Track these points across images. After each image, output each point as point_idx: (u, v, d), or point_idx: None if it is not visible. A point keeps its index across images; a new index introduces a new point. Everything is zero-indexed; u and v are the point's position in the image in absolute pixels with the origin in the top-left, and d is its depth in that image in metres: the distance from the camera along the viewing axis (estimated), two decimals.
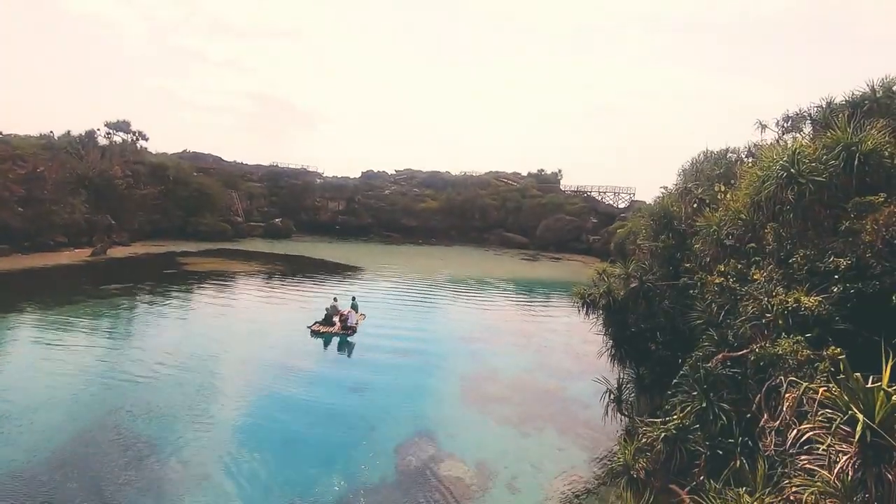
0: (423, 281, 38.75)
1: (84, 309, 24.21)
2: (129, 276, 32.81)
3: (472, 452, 13.29)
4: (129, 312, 24.66)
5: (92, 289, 28.20)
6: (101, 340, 20.39)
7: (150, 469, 11.57)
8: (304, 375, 18.46)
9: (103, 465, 11.58)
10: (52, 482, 10.86)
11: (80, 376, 16.60)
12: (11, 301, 24.28)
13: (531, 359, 21.71)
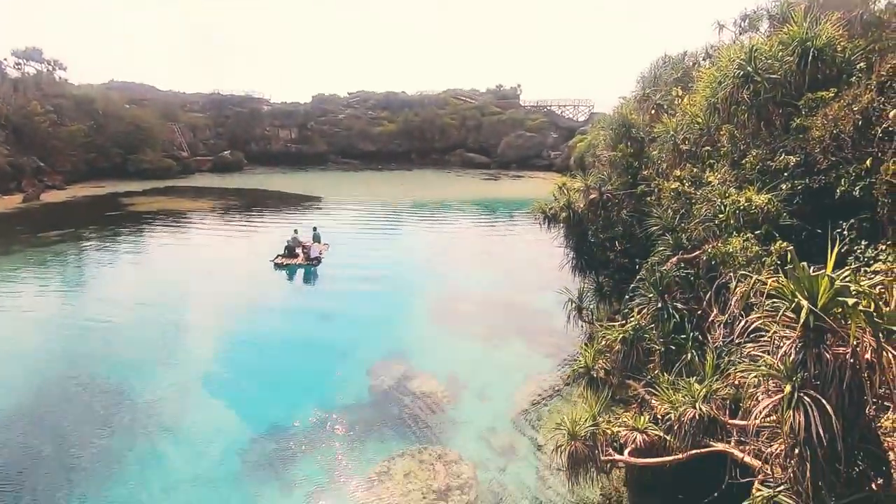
0: (385, 207, 38.17)
1: (26, 259, 22.80)
2: (69, 221, 30.79)
3: (443, 367, 13.79)
4: (77, 259, 23.42)
5: (30, 237, 26.42)
6: (52, 289, 19.44)
7: (120, 414, 11.51)
8: (271, 308, 18.35)
9: (72, 416, 11.43)
10: (18, 438, 10.69)
11: (36, 327, 15.96)
12: None
13: (497, 276, 22.18)
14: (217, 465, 9.93)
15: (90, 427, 10.92)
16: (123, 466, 9.79)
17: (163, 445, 10.48)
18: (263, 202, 40.04)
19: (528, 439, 10.81)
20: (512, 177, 59.05)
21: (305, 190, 45.59)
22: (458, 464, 9.80)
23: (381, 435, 10.91)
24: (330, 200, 40.85)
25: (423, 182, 54.57)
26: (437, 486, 9.14)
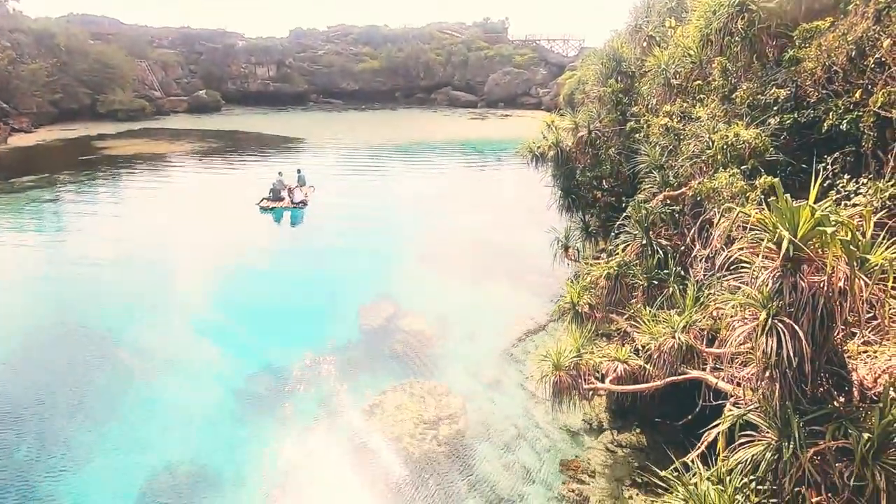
0: (370, 149, 37.32)
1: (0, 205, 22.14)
2: (41, 166, 29.70)
3: (432, 307, 14.07)
4: (54, 205, 22.81)
5: (1, 183, 25.52)
6: (32, 237, 19.07)
7: (115, 356, 11.67)
8: (259, 251, 18.30)
9: (69, 358, 11.56)
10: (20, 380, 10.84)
11: (23, 274, 15.78)
12: None
13: (484, 218, 22.19)
14: (213, 403, 10.24)
15: (88, 369, 11.10)
16: (122, 407, 10.06)
17: (159, 386, 10.73)
18: (244, 144, 38.86)
19: (515, 373, 11.27)
20: (500, 116, 57.70)
21: (287, 131, 44.20)
22: (447, 396, 10.24)
23: (372, 371, 11.28)
24: (313, 142, 39.76)
25: (409, 122, 53.12)
26: (428, 417, 9.59)
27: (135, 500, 8.01)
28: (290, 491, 8.26)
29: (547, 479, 8.42)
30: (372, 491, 8.24)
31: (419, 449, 8.93)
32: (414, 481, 8.38)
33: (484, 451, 9.02)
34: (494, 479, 8.45)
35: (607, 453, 8.84)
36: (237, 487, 8.31)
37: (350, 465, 8.75)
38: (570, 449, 9.02)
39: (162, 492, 8.15)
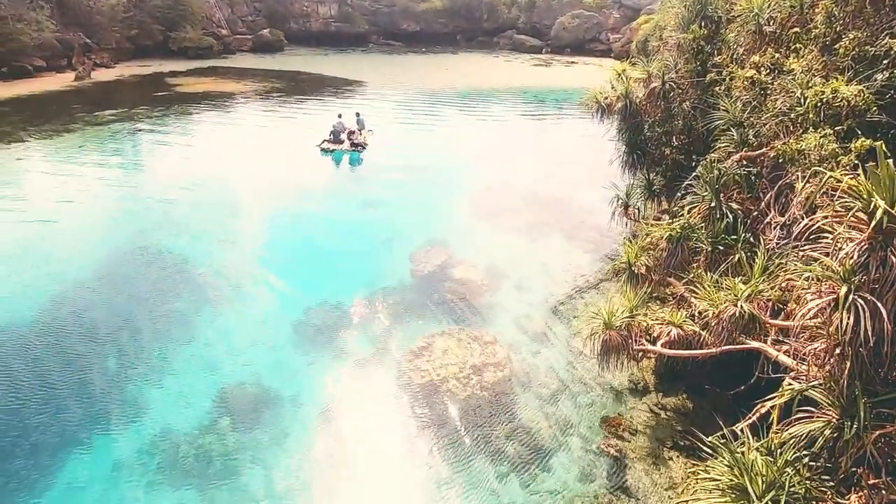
0: (427, 94, 36.65)
1: (85, 137, 23.78)
2: (120, 100, 31.39)
3: (483, 258, 14.14)
4: (131, 138, 24.24)
5: (87, 115, 27.27)
6: (112, 167, 20.48)
7: (186, 283, 12.65)
8: (317, 193, 18.84)
9: (147, 284, 12.65)
10: (103, 302, 12.02)
11: (103, 202, 17.13)
12: (11, 131, 23.80)
13: (541, 170, 21.61)
14: (274, 332, 11.00)
15: (164, 293, 12.14)
16: (196, 329, 11.01)
17: (225, 313, 11.60)
18: (305, 86, 39.16)
19: (562, 328, 11.30)
20: (565, 63, 54.65)
21: (347, 73, 44.01)
22: (493, 345, 10.46)
23: (422, 315, 11.64)
24: (372, 85, 39.48)
25: (469, 67, 51.41)
26: (473, 363, 9.89)
27: (206, 410, 8.90)
28: (340, 417, 8.89)
29: (587, 433, 8.58)
30: (415, 426, 8.73)
31: (463, 392, 9.29)
32: (455, 421, 8.79)
33: (526, 400, 9.26)
34: (534, 428, 8.71)
35: (650, 414, 8.85)
36: (295, 408, 9.03)
37: (396, 399, 9.26)
38: (613, 406, 9.09)
39: (230, 406, 9.00)
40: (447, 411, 8.97)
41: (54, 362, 9.81)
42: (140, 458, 7.99)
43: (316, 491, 7.61)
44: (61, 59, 38.43)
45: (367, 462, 8.12)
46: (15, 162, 20.30)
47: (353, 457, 8.18)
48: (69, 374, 9.55)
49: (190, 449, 8.18)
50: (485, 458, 8.17)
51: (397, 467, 8.06)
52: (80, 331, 10.73)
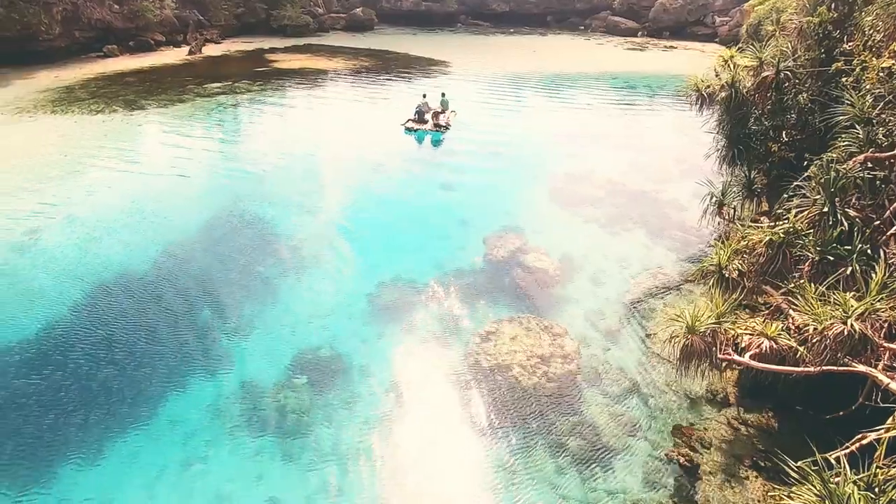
0: (512, 77, 35.97)
1: (195, 107, 25.89)
2: (225, 74, 33.75)
3: (558, 247, 13.82)
4: (233, 110, 26.04)
5: (197, 87, 29.64)
6: (214, 136, 22.16)
7: (272, 248, 13.54)
8: (397, 171, 19.26)
9: (237, 245, 13.69)
10: (196, 262, 13.17)
11: (206, 169, 18.66)
12: (134, 100, 26.46)
13: (628, 161, 20.59)
14: (348, 302, 11.50)
15: (253, 258, 13.07)
16: (278, 292, 11.78)
17: (306, 280, 12.29)
18: (393, 65, 39.86)
19: (637, 327, 10.83)
20: (662, 47, 51.24)
21: (433, 53, 44.22)
22: (562, 337, 10.26)
23: (492, 299, 11.65)
24: (458, 66, 39.38)
25: (558, 49, 49.70)
26: (541, 353, 9.77)
27: (284, 368, 9.55)
28: (406, 390, 9.18)
29: (656, 438, 8.23)
30: (477, 407, 8.82)
31: (528, 380, 9.23)
32: (518, 408, 8.77)
33: (592, 397, 9.04)
34: (599, 425, 8.49)
35: (729, 428, 8.30)
36: (363, 377, 9.45)
37: (460, 380, 9.38)
38: (687, 415, 8.63)
39: (304, 367, 9.59)
40: (511, 397, 8.97)
41: (157, 311, 10.95)
42: (227, 405, 8.76)
43: (377, 455, 7.95)
44: (178, 34, 41.89)
45: (427, 436, 8.34)
46: (136, 127, 22.57)
47: (415, 429, 8.44)
48: (169, 323, 10.63)
49: (269, 402, 8.84)
50: (545, 449, 8.11)
51: (456, 444, 8.22)
52: (180, 284, 11.87)
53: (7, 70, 30.79)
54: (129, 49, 38.05)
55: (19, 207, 14.89)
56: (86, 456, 7.76)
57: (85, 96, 26.77)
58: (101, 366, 9.43)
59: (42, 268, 12.17)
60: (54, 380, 9.06)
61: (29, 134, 21.03)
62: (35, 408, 8.50)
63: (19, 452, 7.79)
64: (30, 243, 13.19)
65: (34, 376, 9.12)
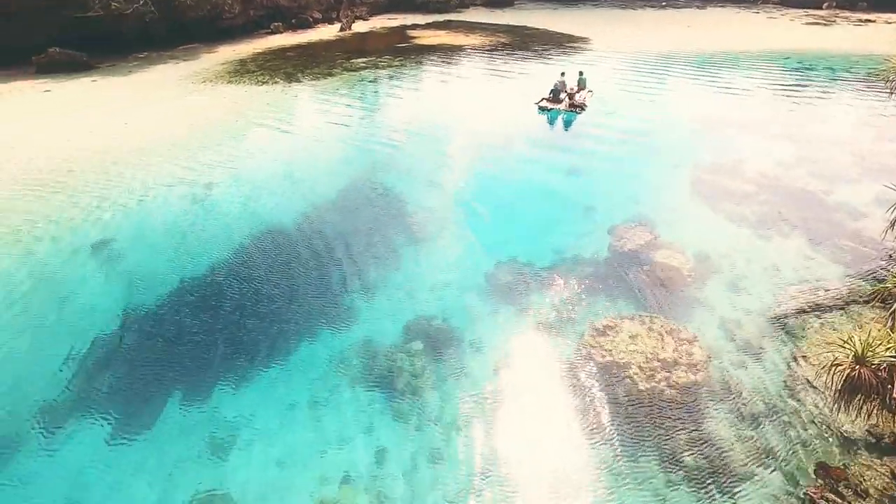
0: (659, 57, 32.99)
1: (341, 81, 27.90)
2: (370, 49, 35.76)
3: (694, 245, 12.59)
4: (373, 85, 27.56)
5: (345, 62, 31.85)
6: (356, 108, 23.70)
7: (400, 219, 14.22)
8: (525, 151, 18.93)
9: (368, 215, 14.63)
10: (331, 227, 14.30)
11: (345, 139, 20.09)
12: (293, 72, 29.31)
13: (790, 154, 17.91)
14: (465, 277, 11.71)
15: (381, 225, 13.89)
16: (400, 260, 12.40)
17: (427, 251, 12.75)
18: (530, 41, 38.89)
19: (783, 345, 9.51)
20: (855, 21, 43.16)
21: (574, 29, 42.23)
22: (690, 343, 9.40)
23: (612, 293, 11.05)
24: (599, 43, 37.17)
25: (718, 25, 44.36)
26: (663, 357, 9.07)
27: (401, 331, 10.10)
28: (513, 371, 9.16)
29: (792, 472, 7.24)
30: (586, 400, 8.50)
31: (645, 383, 8.66)
32: (630, 409, 8.29)
33: (719, 413, 8.21)
34: (723, 447, 7.70)
35: (893, 480, 6.99)
36: (473, 352, 9.62)
37: (571, 370, 9.11)
38: (837, 454, 7.43)
39: (419, 334, 10.04)
40: (623, 397, 8.51)
41: (296, 267, 12.19)
42: (348, 357, 9.54)
43: (479, 433, 8.09)
44: (333, 11, 45.19)
45: (531, 421, 8.27)
46: (293, 98, 25.01)
47: (519, 412, 8.42)
48: (306, 278, 11.78)
49: (385, 361, 9.44)
50: (656, 458, 7.59)
51: (559, 434, 8.04)
52: (318, 244, 13.05)
53: (197, 45, 35.96)
54: (291, 26, 42.04)
55: (199, 163, 17.48)
56: (233, 384, 9.04)
57: (254, 68, 30.27)
58: (247, 311, 10.82)
59: (212, 220, 14.20)
60: (210, 321, 10.61)
61: (208, 100, 24.43)
62: (195, 342, 10.05)
63: (182, 377, 9.31)
64: (205, 196, 15.44)
65: (198, 316, 10.77)
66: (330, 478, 7.49)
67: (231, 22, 38.50)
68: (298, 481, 7.45)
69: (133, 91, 26.00)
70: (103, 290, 11.37)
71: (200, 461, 7.73)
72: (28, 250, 12.81)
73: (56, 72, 29.20)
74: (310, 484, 7.41)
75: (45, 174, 16.74)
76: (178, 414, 8.47)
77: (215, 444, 7.97)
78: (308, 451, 7.87)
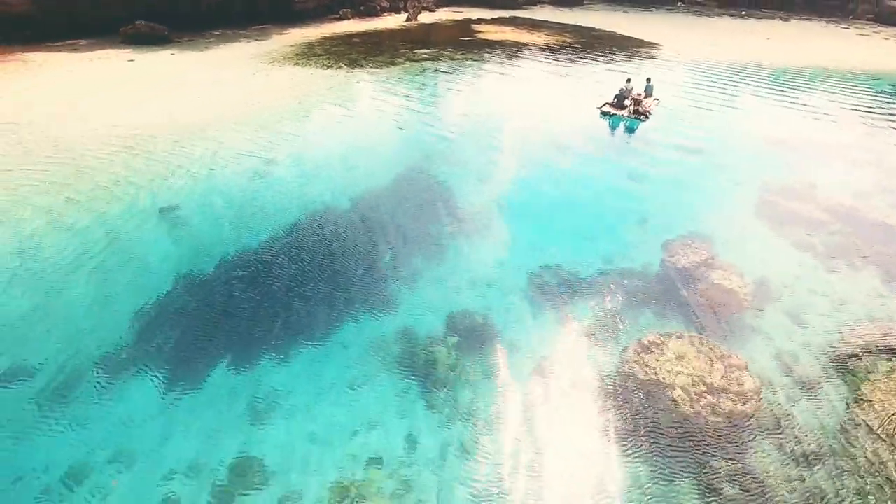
0: (734, 67, 31.42)
1: (403, 70, 28.16)
2: (434, 41, 35.88)
3: (754, 269, 11.96)
4: (434, 76, 27.66)
5: (408, 52, 32.12)
6: (415, 99, 23.86)
7: (447, 210, 14.24)
8: (582, 154, 18.52)
9: (418, 203, 14.73)
10: (384, 215, 14.48)
11: (402, 128, 20.28)
12: (357, 59, 29.84)
13: (872, 181, 16.68)
14: (508, 277, 11.60)
15: (428, 215, 13.96)
16: (445, 253, 12.41)
17: (473, 246, 12.70)
18: (596, 43, 37.93)
19: (846, 386, 8.90)
20: None
21: (644, 34, 40.86)
22: (740, 371, 8.94)
23: (661, 309, 10.66)
24: (670, 50, 35.80)
25: (801, 39, 41.77)
26: (710, 381, 8.67)
27: (441, 323, 10.14)
28: (550, 377, 9.01)
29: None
30: (621, 416, 8.25)
31: (688, 407, 8.32)
32: (669, 431, 7.99)
33: (765, 448, 7.78)
34: (766, 481, 7.31)
35: None
36: (511, 353, 9.54)
37: (611, 383, 8.86)
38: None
39: (458, 328, 10.04)
40: (663, 417, 8.21)
41: (344, 249, 12.44)
42: (387, 343, 9.67)
43: (509, 435, 8.02)
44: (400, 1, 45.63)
45: (563, 429, 8.12)
46: (355, 84, 25.47)
47: (552, 419, 8.28)
48: (352, 261, 12.01)
49: (422, 351, 9.50)
50: (692, 485, 7.29)
51: (592, 446, 7.86)
52: (365, 229, 13.26)
53: (269, 26, 37.20)
54: (359, 13, 42.79)
55: (262, 140, 18.11)
56: (276, 357, 9.35)
57: (320, 52, 31.03)
58: (295, 287, 11.15)
59: (270, 196, 14.69)
60: (259, 294, 11.00)
61: (275, 80, 25.24)
62: (244, 313, 10.45)
63: (229, 344, 9.71)
64: (266, 171, 16.00)
65: (249, 288, 11.20)
66: (358, 457, 7.65)
67: (303, 6, 39.60)
68: (328, 456, 7.64)
69: (207, 66, 27.22)
70: (167, 254, 12.00)
71: (240, 424, 8.06)
72: (107, 209, 13.67)
73: (140, 43, 30.99)
74: (339, 460, 7.58)
75: (129, 139, 17.80)
76: (223, 378, 8.86)
77: (256, 410, 8.29)
78: (341, 429, 8.05)
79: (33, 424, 7.88)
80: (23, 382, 8.53)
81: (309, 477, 7.37)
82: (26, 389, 8.42)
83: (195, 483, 7.22)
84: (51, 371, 8.76)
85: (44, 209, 13.43)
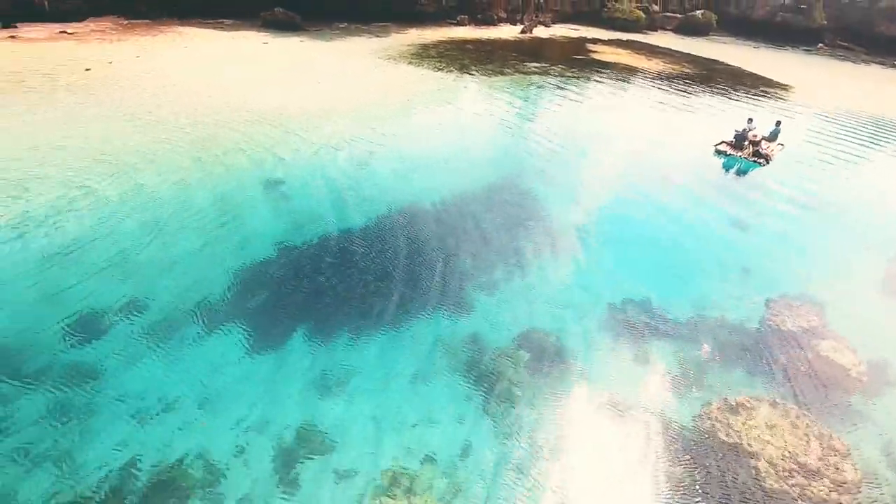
0: (877, 119, 28.23)
1: (511, 81, 28.27)
2: (546, 56, 35.68)
3: (872, 346, 10.63)
4: (540, 91, 27.48)
5: (518, 64, 32.20)
6: (518, 110, 23.84)
7: (537, 224, 14.05)
8: (686, 190, 17.51)
9: (505, 212, 14.66)
10: (474, 214, 14.55)
11: (501, 137, 20.34)
12: (467, 64, 30.42)
13: None
14: (588, 302, 11.19)
15: (514, 227, 13.85)
16: (526, 268, 12.22)
17: (555, 266, 12.41)
18: (718, 77, 35.75)
19: None
20: None
21: (773, 73, 37.91)
22: (841, 457, 7.96)
23: (754, 370, 9.78)
24: (801, 93, 32.93)
25: None
26: (804, 461, 7.80)
27: (512, 337, 10.00)
28: (622, 416, 8.55)
29: None
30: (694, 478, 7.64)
31: (773, 482, 7.54)
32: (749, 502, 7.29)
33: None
34: None
35: None
36: (580, 381, 9.19)
37: (685, 438, 8.25)
38: None
39: (529, 345, 9.85)
40: (742, 487, 7.51)
41: (429, 247, 12.66)
42: (456, 346, 9.71)
43: (566, 462, 7.73)
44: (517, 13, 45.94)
45: (624, 472, 7.67)
46: (462, 88, 25.95)
47: (614, 459, 7.86)
48: (434, 260, 12.19)
49: (490, 361, 9.43)
50: None
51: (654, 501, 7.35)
52: (451, 231, 13.41)
53: (391, 25, 38.95)
54: (476, 21, 43.60)
55: (368, 130, 18.98)
56: (351, 337, 9.71)
57: (434, 55, 31.98)
58: (377, 276, 11.52)
59: (367, 185, 15.33)
60: (343, 277, 11.48)
61: (390, 76, 26.37)
62: (328, 291, 10.96)
63: (311, 317, 10.22)
64: (367, 161, 16.73)
65: (335, 269, 11.73)
66: (414, 451, 7.72)
67: (423, 8, 41.07)
68: (386, 442, 7.79)
69: (331, 55, 29.05)
70: (268, 225, 12.90)
71: (307, 394, 8.46)
72: (225, 174, 14.98)
73: (275, 28, 33.77)
74: (396, 449, 7.71)
75: (256, 114, 19.43)
76: (303, 348, 9.35)
77: (326, 384, 8.65)
78: (401, 418, 8.19)
79: (140, 354, 8.77)
80: (137, 315, 9.54)
81: (365, 457, 7.56)
82: (140, 322, 9.40)
83: (263, 439, 7.67)
84: (160, 311, 9.72)
85: (174, 167, 14.98)
